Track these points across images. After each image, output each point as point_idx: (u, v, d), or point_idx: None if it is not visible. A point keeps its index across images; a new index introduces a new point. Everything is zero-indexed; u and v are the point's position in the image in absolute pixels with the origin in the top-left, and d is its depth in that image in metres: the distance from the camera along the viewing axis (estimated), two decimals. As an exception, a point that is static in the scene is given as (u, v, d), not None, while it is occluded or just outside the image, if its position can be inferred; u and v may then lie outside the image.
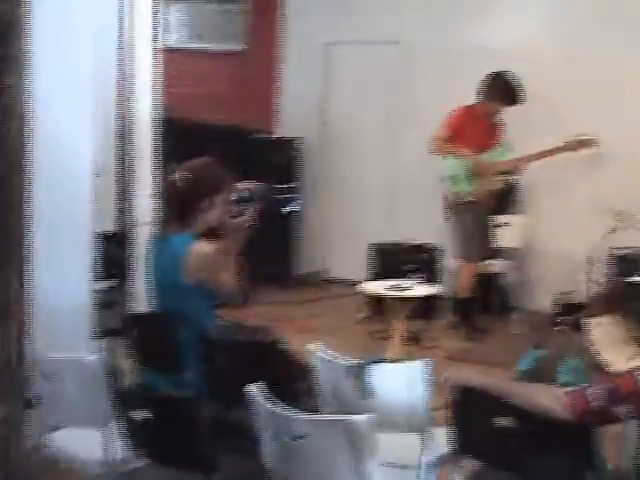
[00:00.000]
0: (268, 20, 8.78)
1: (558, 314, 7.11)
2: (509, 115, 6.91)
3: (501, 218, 7.58)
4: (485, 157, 6.80)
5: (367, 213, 8.52)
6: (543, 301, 7.57)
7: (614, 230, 6.38)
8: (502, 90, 6.70)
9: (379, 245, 7.66)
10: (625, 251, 6.34)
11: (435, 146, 6.82)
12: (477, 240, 6.86)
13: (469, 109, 6.84)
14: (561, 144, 6.76)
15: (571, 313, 6.80)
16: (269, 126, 8.86)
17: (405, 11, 8.16)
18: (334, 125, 8.73)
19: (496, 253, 7.59)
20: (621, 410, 2.52)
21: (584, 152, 6.78)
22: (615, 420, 2.57)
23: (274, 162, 8.39)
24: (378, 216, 8.45)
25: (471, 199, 6.79)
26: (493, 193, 6.98)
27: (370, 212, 8.51)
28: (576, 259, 6.74)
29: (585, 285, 6.61)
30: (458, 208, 6.85)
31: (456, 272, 7.05)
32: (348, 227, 8.51)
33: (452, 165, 6.80)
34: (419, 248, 7.54)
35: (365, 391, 3.08)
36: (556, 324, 6.99)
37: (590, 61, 7.31)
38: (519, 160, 6.85)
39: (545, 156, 6.80)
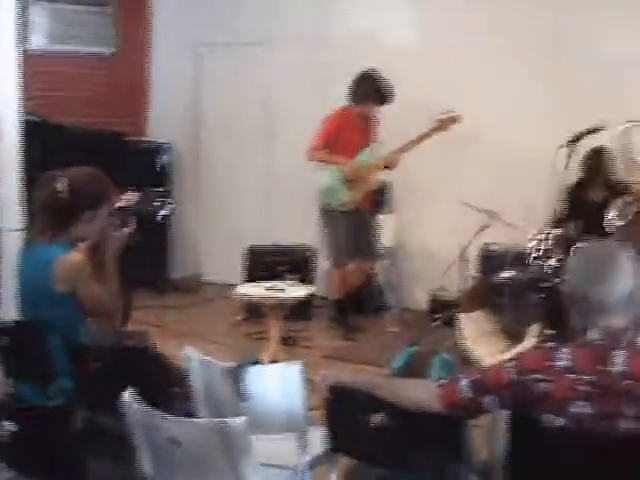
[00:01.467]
0: (137, 23, 8.67)
1: (432, 311, 7.28)
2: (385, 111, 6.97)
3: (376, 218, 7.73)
4: (359, 159, 6.84)
5: (242, 216, 8.50)
6: (417, 299, 7.74)
7: (484, 228, 6.56)
8: (373, 90, 6.74)
9: (254, 247, 7.66)
10: (494, 248, 6.53)
11: (311, 154, 6.81)
12: (348, 246, 6.89)
13: (343, 112, 6.85)
14: (429, 127, 6.84)
15: (444, 310, 6.97)
16: (141, 130, 8.76)
17: (274, 12, 8.18)
18: (207, 128, 8.68)
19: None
20: (489, 401, 2.59)
21: (453, 128, 6.85)
22: (483, 411, 2.65)
23: (146, 166, 8.31)
24: (253, 218, 8.44)
25: (346, 208, 6.83)
26: (370, 193, 7.03)
27: (245, 215, 8.49)
28: (448, 256, 6.89)
29: (457, 282, 6.76)
30: (332, 216, 6.88)
31: (328, 274, 7.12)
32: (223, 230, 8.48)
33: (329, 175, 6.81)
34: (294, 250, 7.59)
35: (241, 394, 3.08)
36: (430, 321, 7.15)
37: (456, 55, 7.47)
38: (393, 153, 6.88)
39: (417, 142, 6.83)
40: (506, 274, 6.07)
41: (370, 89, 6.75)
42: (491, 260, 6.49)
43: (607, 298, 2.54)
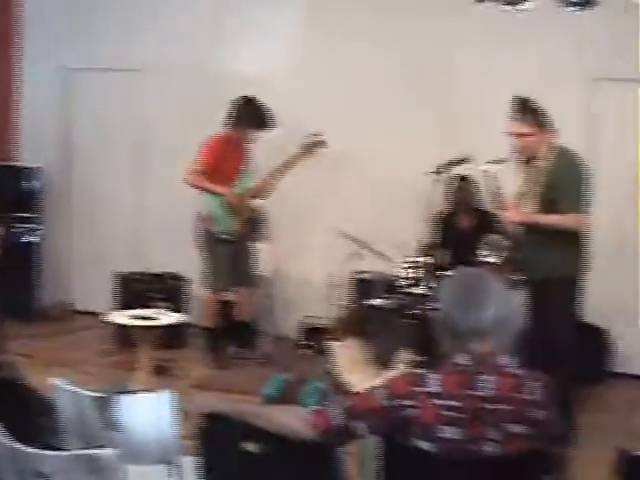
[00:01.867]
0: (4, 44, 8.45)
1: (302, 339, 7.32)
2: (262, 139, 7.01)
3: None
4: (238, 187, 6.84)
5: (114, 243, 8.37)
6: (290, 326, 7.76)
7: (353, 256, 6.65)
8: (254, 116, 6.76)
9: (124, 274, 7.55)
10: (365, 275, 6.63)
11: (190, 179, 6.75)
12: (228, 274, 6.88)
13: (224, 137, 6.83)
14: (295, 152, 6.92)
15: (315, 337, 7.02)
16: (9, 154, 8.52)
17: (148, 38, 8.13)
18: (80, 153, 8.51)
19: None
20: (360, 427, 2.63)
21: (319, 153, 6.96)
22: (356, 437, 2.68)
23: (15, 191, 8.09)
24: (125, 246, 8.33)
25: (228, 236, 6.82)
26: (248, 221, 7.03)
27: (117, 242, 8.37)
28: (321, 284, 6.95)
29: (328, 309, 6.83)
30: (213, 242, 6.84)
31: (203, 302, 7.08)
32: (94, 257, 8.33)
33: (210, 202, 6.79)
34: (165, 277, 7.51)
35: (111, 424, 3.02)
36: (301, 348, 7.19)
37: (332, 85, 7.62)
38: (264, 181, 6.91)
39: (286, 168, 6.89)
40: (376, 301, 6.19)
41: (250, 114, 6.77)
42: (362, 288, 6.59)
43: (476, 324, 2.61)
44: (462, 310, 2.62)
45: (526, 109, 5.06)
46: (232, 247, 6.85)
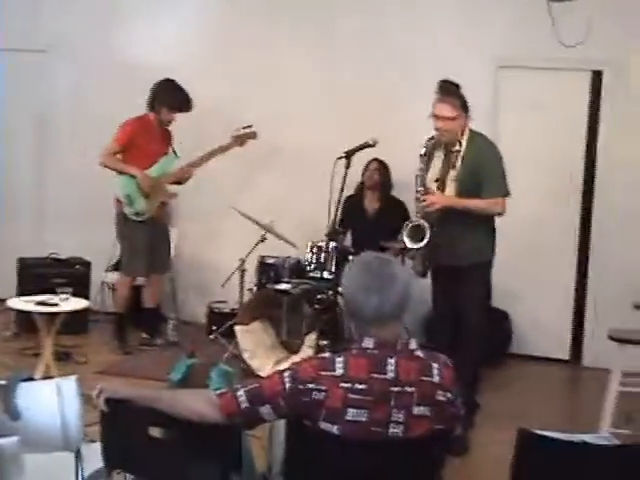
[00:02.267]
0: None
1: (210, 323, 7.28)
2: (184, 124, 6.92)
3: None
4: (155, 170, 6.75)
5: (16, 228, 8.17)
6: (196, 311, 7.71)
7: (262, 239, 6.63)
8: (170, 97, 6.69)
9: (25, 260, 7.38)
10: (271, 260, 6.62)
11: (103, 159, 6.66)
12: (141, 257, 6.77)
13: (140, 120, 6.74)
14: (226, 141, 6.86)
15: (223, 322, 6.99)
16: None
17: (54, 18, 7.95)
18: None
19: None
20: (266, 411, 2.62)
21: (249, 144, 6.92)
22: (261, 420, 2.67)
23: None
24: (26, 230, 8.14)
25: (142, 218, 6.72)
26: (163, 205, 6.94)
27: (19, 227, 8.17)
28: (229, 269, 6.91)
29: (237, 294, 6.79)
30: (128, 225, 6.74)
31: (114, 286, 6.96)
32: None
33: (124, 183, 6.68)
34: (68, 262, 7.36)
35: (12, 412, 2.95)
36: (208, 333, 7.15)
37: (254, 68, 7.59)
38: (188, 166, 6.84)
39: (212, 156, 6.84)
40: (282, 286, 6.19)
41: (165, 95, 6.70)
42: (268, 272, 6.57)
43: (381, 308, 2.61)
44: (365, 295, 2.62)
45: (452, 92, 5.08)
46: (147, 230, 6.75)
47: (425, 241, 5.00)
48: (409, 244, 5.08)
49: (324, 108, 7.39)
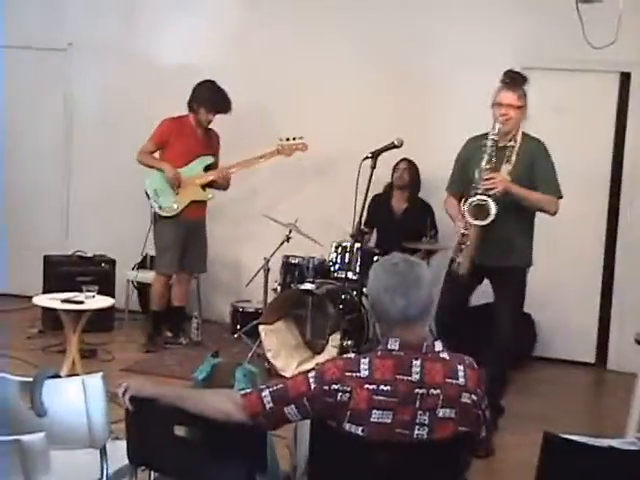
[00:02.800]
0: None
1: (234, 323, 7.29)
2: (227, 126, 6.96)
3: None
4: (188, 168, 6.78)
5: (41, 225, 8.22)
6: (220, 310, 7.74)
7: (287, 239, 6.64)
8: (208, 98, 6.72)
9: (51, 257, 7.42)
10: (296, 260, 6.61)
11: (139, 158, 6.74)
12: (170, 254, 6.80)
13: (178, 120, 6.79)
14: (273, 148, 6.89)
15: (247, 321, 7.00)
16: None
17: (78, 18, 8.00)
18: (8, 133, 8.28)
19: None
20: (291, 411, 2.62)
21: (297, 155, 6.95)
22: (286, 421, 2.67)
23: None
24: (53, 228, 8.20)
25: (172, 213, 6.74)
26: (200, 204, 6.93)
27: (44, 224, 8.23)
28: (253, 268, 6.92)
29: (261, 293, 6.80)
30: (158, 222, 6.79)
31: (153, 283, 6.98)
32: (21, 239, 8.15)
33: (152, 177, 6.73)
34: (94, 260, 7.39)
35: (38, 408, 2.97)
36: (233, 332, 7.17)
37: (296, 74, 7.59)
38: (225, 168, 6.86)
39: (253, 163, 6.88)
40: (307, 286, 6.18)
41: (203, 96, 6.73)
42: (292, 272, 6.57)
43: (407, 310, 2.61)
44: (391, 296, 2.62)
45: (519, 83, 5.08)
46: (177, 228, 6.76)
47: (491, 218, 4.93)
48: (474, 221, 4.97)
49: (350, 108, 7.38)
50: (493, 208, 4.89)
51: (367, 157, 5.17)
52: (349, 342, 5.82)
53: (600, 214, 7.09)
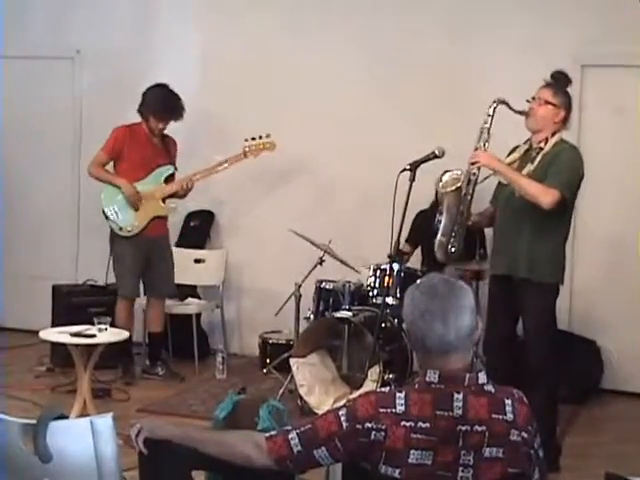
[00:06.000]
0: None
1: (263, 356, 7.31)
2: (187, 133, 7.15)
3: (196, 253, 7.73)
4: (146, 182, 6.90)
5: (49, 251, 8.32)
6: (247, 343, 7.77)
7: (320, 262, 6.65)
8: (157, 104, 6.84)
9: (60, 287, 7.49)
10: (330, 285, 6.60)
11: (90, 171, 6.91)
12: (132, 276, 6.91)
13: (130, 128, 6.91)
14: (239, 152, 7.01)
15: (277, 354, 7.02)
16: None
17: (83, 25, 8.17)
18: (8, 152, 8.41)
19: (191, 292, 7.72)
20: (321, 454, 2.63)
21: (265, 154, 7.06)
22: (315, 464, 2.68)
23: None
24: (61, 255, 8.29)
25: (131, 231, 6.85)
26: (162, 220, 7.04)
27: (53, 251, 8.32)
28: (281, 296, 6.94)
29: (292, 323, 6.81)
30: (117, 241, 6.91)
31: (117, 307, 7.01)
32: (27, 268, 8.25)
33: (108, 195, 6.86)
34: (106, 289, 7.44)
35: (42, 453, 2.99)
36: (262, 367, 7.19)
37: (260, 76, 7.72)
38: (188, 178, 6.96)
39: (217, 169, 7.01)
40: (343, 314, 6.19)
41: (152, 102, 6.86)
42: (326, 298, 6.57)
43: (447, 337, 2.61)
44: (428, 322, 2.61)
45: (560, 82, 5.25)
46: (139, 248, 6.87)
47: (458, 184, 5.23)
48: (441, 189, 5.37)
49: (383, 114, 7.42)
50: (461, 179, 5.26)
51: (405, 169, 5.21)
52: (391, 376, 5.82)
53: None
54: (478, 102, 5.65)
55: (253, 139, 7.00)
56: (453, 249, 5.34)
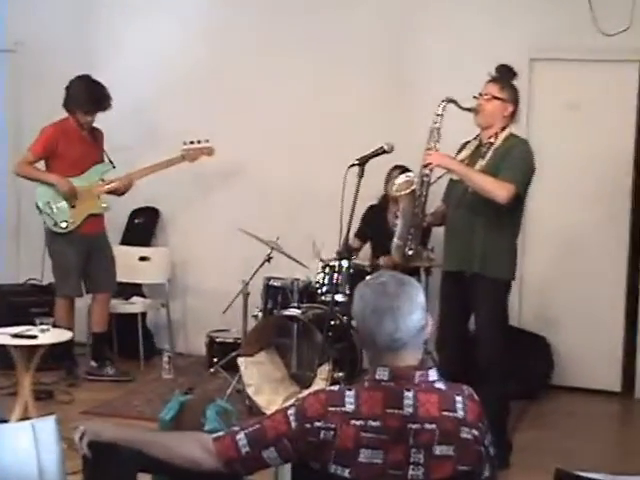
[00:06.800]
0: None
1: (210, 355, 7.29)
2: (124, 130, 7.17)
3: (141, 250, 7.69)
4: (83, 178, 6.86)
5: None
6: (194, 342, 7.73)
7: (268, 259, 6.63)
8: (82, 97, 6.78)
9: (1, 287, 7.41)
10: (278, 282, 6.60)
11: (17, 170, 6.87)
12: (73, 274, 6.87)
13: (60, 125, 6.85)
14: (176, 155, 7.07)
15: (225, 353, 7.00)
16: None
17: (20, 18, 8.08)
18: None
19: (136, 290, 7.67)
20: (269, 455, 2.62)
21: (204, 160, 7.16)
22: (265, 465, 2.67)
23: None
24: (1, 254, 8.20)
25: (66, 228, 6.80)
26: (99, 217, 7.02)
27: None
28: (229, 294, 6.91)
29: (240, 321, 6.79)
30: (55, 239, 6.87)
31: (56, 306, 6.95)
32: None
33: (41, 192, 6.81)
34: (48, 289, 7.37)
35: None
36: (209, 366, 7.16)
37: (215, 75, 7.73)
38: (126, 177, 6.97)
39: (155, 169, 7.05)
40: (291, 311, 6.19)
41: (77, 95, 6.79)
42: (275, 296, 6.57)
43: (397, 334, 2.61)
44: (378, 319, 2.62)
45: (506, 77, 5.32)
46: (78, 245, 6.84)
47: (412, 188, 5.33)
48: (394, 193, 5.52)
49: (327, 112, 7.45)
50: (416, 183, 5.34)
51: (354, 164, 5.21)
52: (340, 374, 5.82)
53: (622, 221, 7.10)
54: (424, 99, 5.71)
55: (192, 142, 7.03)
56: (410, 252, 5.40)
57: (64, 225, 6.80)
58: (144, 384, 6.96)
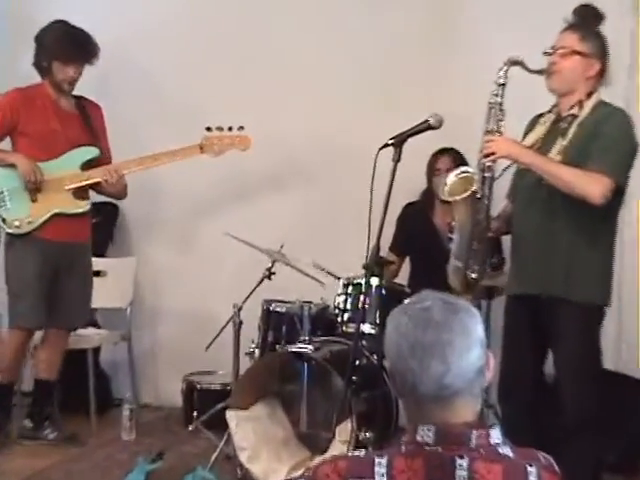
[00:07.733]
0: None
1: (187, 407, 7.31)
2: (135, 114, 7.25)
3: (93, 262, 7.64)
4: (54, 164, 6.74)
5: None
6: (167, 388, 7.76)
7: (268, 275, 6.64)
8: (58, 44, 6.69)
9: None
10: (281, 307, 6.59)
11: None
12: (31, 295, 6.69)
13: (26, 92, 6.79)
14: (195, 143, 6.92)
15: (209, 404, 7.02)
16: None
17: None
18: None
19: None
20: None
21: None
22: None
23: None
24: None
25: (19, 227, 6.66)
26: (76, 220, 6.87)
27: None
28: (215, 320, 6.93)
29: (230, 360, 6.80)
30: (10, 244, 6.77)
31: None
32: None
33: (4, 175, 6.67)
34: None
35: None
36: (186, 422, 7.18)
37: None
38: (115, 167, 6.83)
39: (166, 160, 6.88)
40: (300, 347, 6.19)
41: (53, 43, 6.71)
42: (278, 326, 6.58)
43: (447, 380, 2.60)
44: (420, 360, 2.61)
45: (588, 22, 5.19)
46: (43, 256, 6.71)
47: (469, 192, 5.15)
48: (444, 197, 5.32)
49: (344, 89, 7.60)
50: (476, 181, 5.15)
51: (387, 144, 5.18)
52: (368, 434, 5.83)
53: None
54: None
55: (220, 129, 6.91)
56: (474, 275, 5.27)
57: (17, 224, 6.65)
58: (96, 447, 6.96)
